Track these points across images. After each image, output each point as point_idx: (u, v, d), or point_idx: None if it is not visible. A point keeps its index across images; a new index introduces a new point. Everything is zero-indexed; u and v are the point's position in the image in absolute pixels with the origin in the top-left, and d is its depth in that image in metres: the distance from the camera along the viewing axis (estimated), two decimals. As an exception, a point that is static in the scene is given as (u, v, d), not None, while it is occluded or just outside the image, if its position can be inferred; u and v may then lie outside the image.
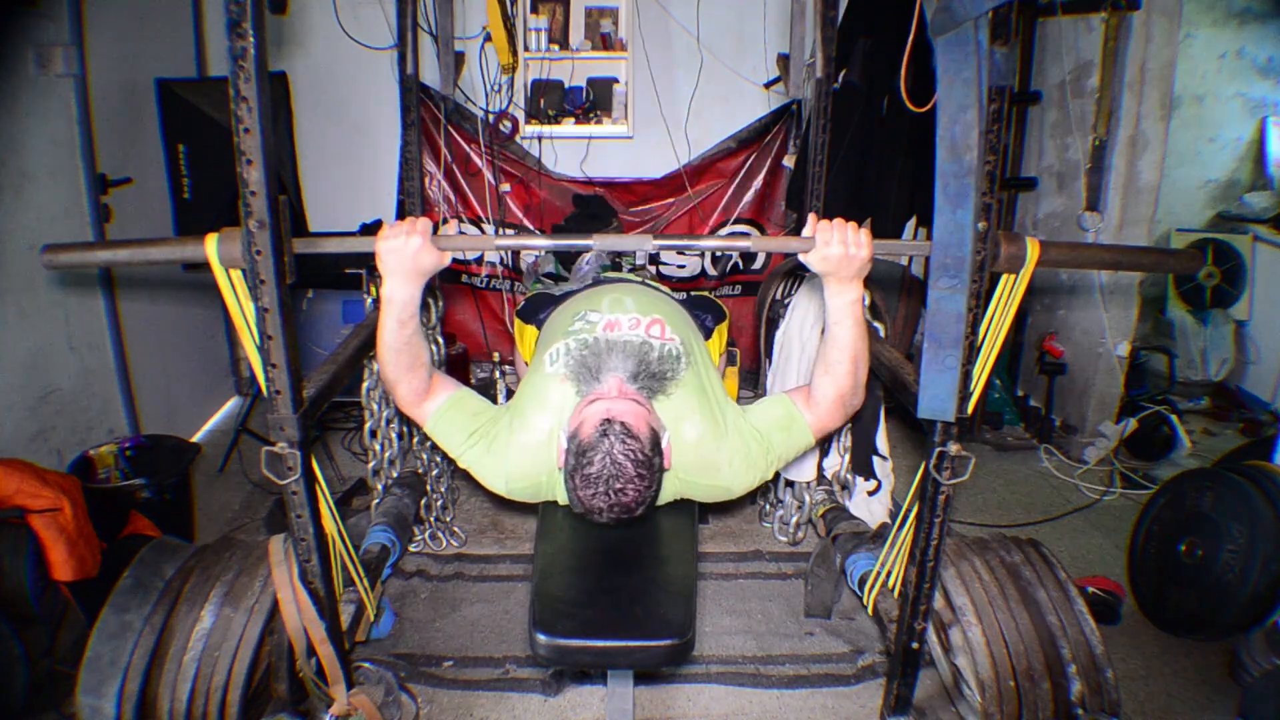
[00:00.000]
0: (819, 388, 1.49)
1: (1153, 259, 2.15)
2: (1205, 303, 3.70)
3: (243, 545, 1.67)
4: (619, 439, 1.31)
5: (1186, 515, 2.14)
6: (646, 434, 1.34)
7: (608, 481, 1.30)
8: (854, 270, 1.38)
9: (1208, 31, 3.63)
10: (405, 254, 1.37)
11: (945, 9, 1.15)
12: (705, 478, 1.51)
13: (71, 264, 1.47)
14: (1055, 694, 1.51)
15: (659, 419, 1.42)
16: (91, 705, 1.41)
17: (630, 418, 1.34)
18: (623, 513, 1.34)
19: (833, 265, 1.37)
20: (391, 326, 1.42)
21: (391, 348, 1.44)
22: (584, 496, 1.33)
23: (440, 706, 1.86)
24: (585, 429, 1.34)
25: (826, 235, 1.36)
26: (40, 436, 2.24)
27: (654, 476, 1.35)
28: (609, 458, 1.30)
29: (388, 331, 1.43)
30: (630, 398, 1.39)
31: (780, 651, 2.05)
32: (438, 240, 1.39)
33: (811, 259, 1.38)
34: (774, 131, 3.30)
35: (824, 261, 1.37)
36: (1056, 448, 3.21)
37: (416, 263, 1.38)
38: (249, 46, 1.19)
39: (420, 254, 1.37)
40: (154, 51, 2.87)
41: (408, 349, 1.45)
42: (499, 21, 3.00)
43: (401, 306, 1.41)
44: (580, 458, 1.32)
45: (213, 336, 3.47)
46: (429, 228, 1.39)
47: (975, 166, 1.19)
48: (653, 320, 1.62)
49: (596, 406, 1.37)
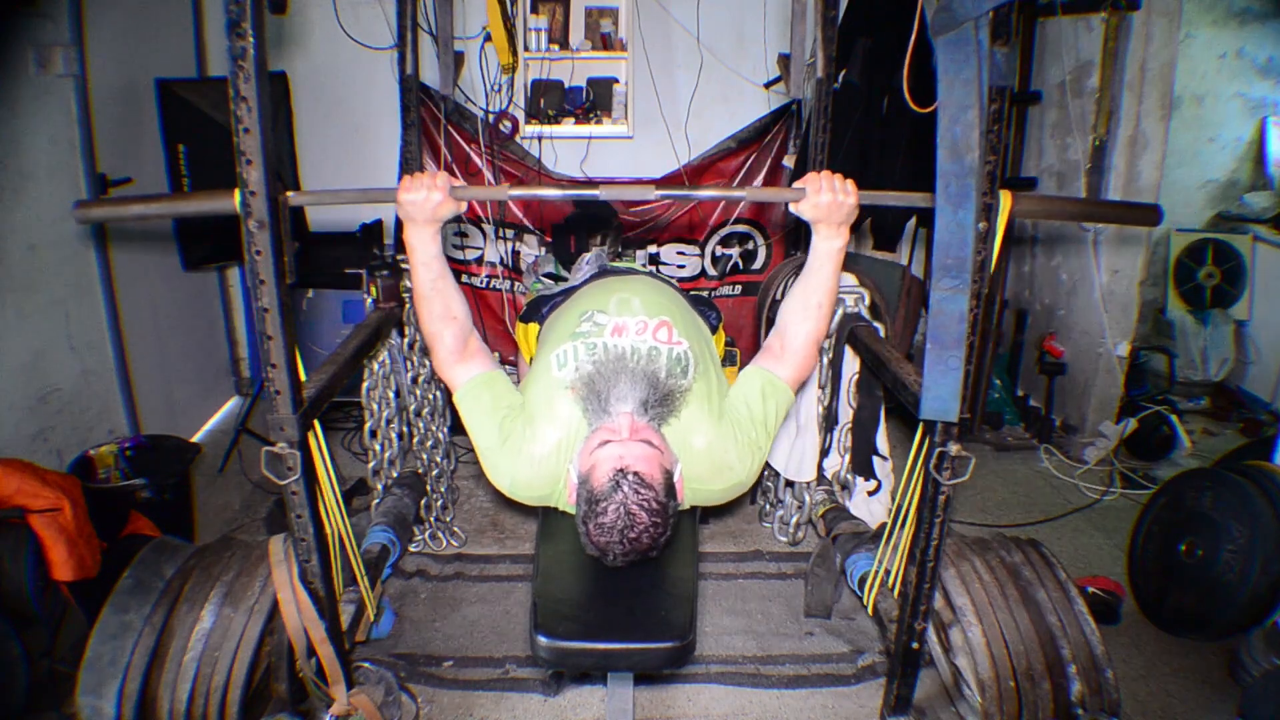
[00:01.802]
0: (796, 335, 1.56)
1: (1116, 211, 2.40)
2: (1205, 303, 3.70)
3: (243, 545, 1.67)
4: (633, 489, 1.30)
5: (1186, 515, 2.14)
6: (660, 481, 1.33)
7: (622, 531, 1.30)
8: (843, 216, 1.49)
9: (1208, 31, 3.63)
10: (427, 206, 1.47)
11: (945, 9, 1.15)
12: (720, 481, 1.50)
13: (103, 218, 1.52)
14: (1055, 694, 1.51)
15: (671, 454, 1.41)
16: (91, 705, 1.41)
17: (643, 465, 1.32)
18: (637, 557, 1.34)
19: (823, 212, 1.48)
20: (420, 271, 1.53)
21: (423, 294, 1.53)
22: (597, 540, 1.33)
23: (440, 706, 1.86)
24: (597, 477, 1.33)
25: (816, 184, 1.47)
26: (40, 436, 2.24)
27: (668, 520, 1.35)
28: (623, 508, 1.29)
29: (417, 278, 1.53)
30: (641, 438, 1.36)
31: (780, 651, 2.05)
32: (454, 191, 1.49)
33: (803, 207, 1.49)
34: (774, 131, 3.30)
35: (815, 209, 1.48)
36: (1056, 448, 3.21)
37: (436, 213, 1.49)
38: (249, 46, 1.19)
39: (440, 206, 1.48)
40: (154, 51, 2.87)
41: (437, 294, 1.53)
42: (499, 21, 3.00)
43: (424, 249, 1.51)
44: (593, 505, 1.32)
45: (213, 336, 3.47)
46: (448, 183, 1.48)
47: (976, 167, 1.19)
48: (660, 323, 1.60)
49: (609, 451, 1.34)
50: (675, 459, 1.41)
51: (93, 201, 1.42)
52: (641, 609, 1.42)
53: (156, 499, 2.26)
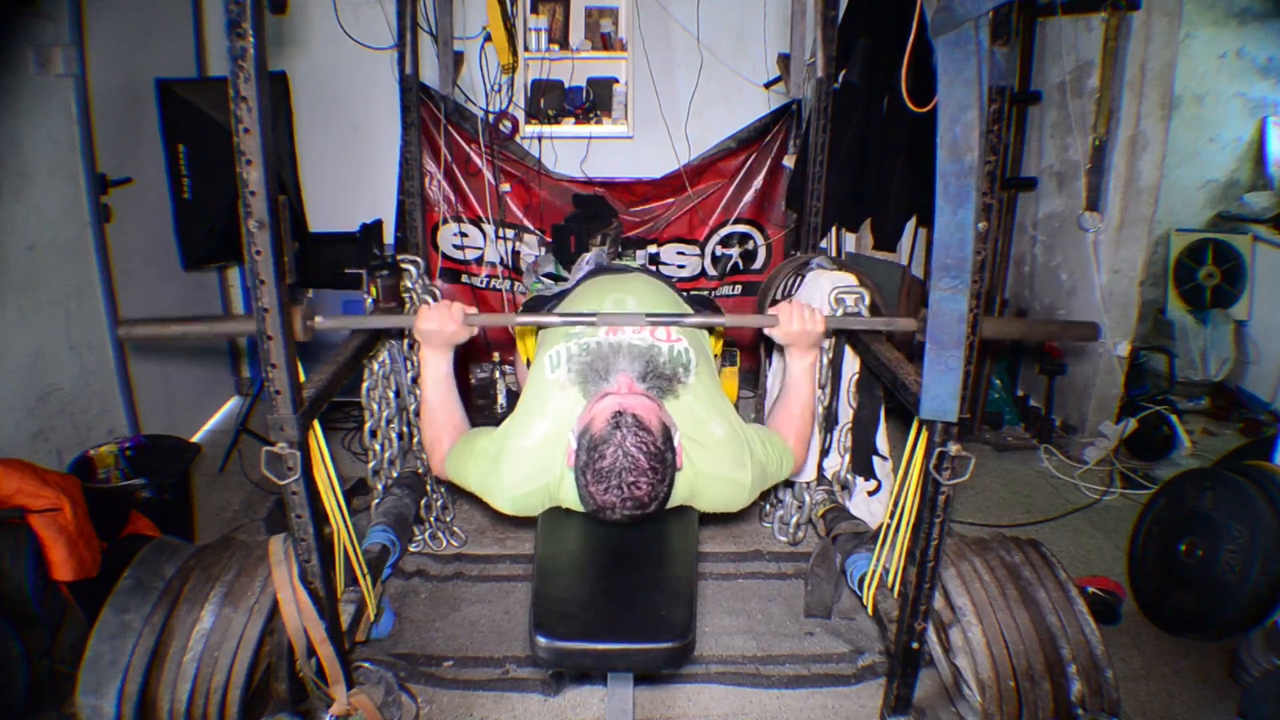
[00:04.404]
0: (787, 438, 1.67)
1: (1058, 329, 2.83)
2: (1205, 303, 3.69)
3: (243, 545, 1.67)
4: (631, 431, 1.31)
5: (1186, 515, 2.14)
6: (659, 427, 1.35)
7: (620, 475, 1.30)
8: (812, 340, 1.68)
9: (1208, 31, 3.63)
10: (443, 334, 1.62)
11: (945, 9, 1.15)
12: (735, 472, 1.52)
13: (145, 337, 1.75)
14: (1055, 694, 1.51)
15: (670, 417, 1.42)
16: (91, 705, 1.41)
17: (642, 411, 1.34)
18: (635, 507, 1.33)
19: (794, 338, 1.66)
20: (430, 387, 1.66)
21: (432, 408, 1.66)
22: (596, 492, 1.33)
23: (440, 706, 1.86)
24: (596, 423, 1.34)
25: (788, 314, 1.65)
26: (40, 436, 2.24)
27: (667, 471, 1.35)
28: (621, 449, 1.30)
29: (428, 393, 1.66)
30: (640, 393, 1.39)
31: (780, 651, 2.05)
32: (468, 319, 1.64)
33: (776, 333, 1.67)
34: (774, 131, 3.30)
35: (787, 335, 1.67)
36: (1056, 448, 3.21)
37: (452, 339, 1.64)
38: (249, 46, 1.19)
39: (455, 335, 1.63)
40: (154, 51, 2.87)
41: (445, 407, 1.65)
42: (499, 21, 3.00)
43: (437, 368, 1.66)
44: (592, 452, 1.32)
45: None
46: (462, 313, 1.63)
47: (976, 166, 1.19)
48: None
49: (607, 401, 1.37)
50: (675, 424, 1.42)
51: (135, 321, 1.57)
52: (641, 608, 1.42)
53: (156, 499, 2.25)
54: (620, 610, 1.43)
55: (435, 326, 1.60)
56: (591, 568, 1.55)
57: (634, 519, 1.36)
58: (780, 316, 1.65)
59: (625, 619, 1.41)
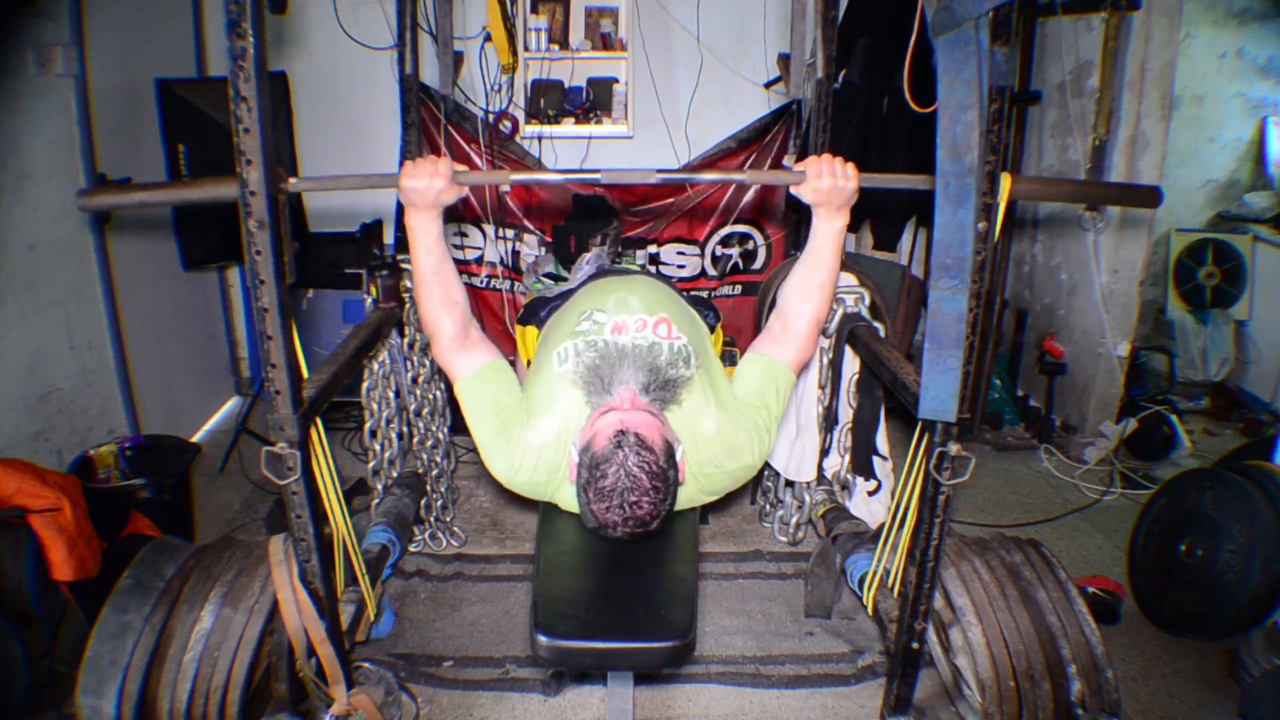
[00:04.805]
0: (798, 317, 1.58)
1: (1116, 192, 2.48)
2: (1205, 303, 3.69)
3: (243, 545, 1.67)
4: (633, 450, 1.29)
5: (1186, 515, 2.14)
6: (661, 446, 1.33)
7: (622, 494, 1.28)
8: (843, 199, 1.51)
9: (1208, 31, 3.63)
10: (430, 192, 1.46)
11: (945, 9, 1.15)
12: (733, 461, 1.50)
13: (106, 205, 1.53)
14: (1055, 694, 1.51)
15: (673, 431, 1.41)
16: (91, 705, 1.41)
17: (644, 429, 1.32)
18: (637, 526, 1.32)
19: (823, 195, 1.50)
20: (421, 255, 1.52)
21: (424, 280, 1.53)
22: (598, 510, 1.31)
23: (440, 706, 1.86)
24: (598, 441, 1.32)
25: (817, 168, 1.48)
26: (40, 436, 2.24)
27: (669, 489, 1.34)
28: (623, 469, 1.28)
29: (419, 263, 1.52)
30: (643, 409, 1.38)
31: (780, 651, 2.05)
32: (456, 176, 1.49)
33: (804, 190, 1.51)
34: (774, 131, 3.29)
35: (815, 193, 1.50)
36: (1056, 448, 3.21)
37: (439, 199, 1.48)
38: (249, 46, 1.19)
39: (443, 192, 1.48)
40: (154, 51, 2.87)
41: (438, 280, 1.53)
42: (499, 21, 3.00)
43: (425, 233, 1.51)
44: (594, 470, 1.31)
45: (213, 336, 3.47)
46: (450, 168, 1.47)
47: (976, 166, 1.19)
48: (659, 319, 1.61)
49: (609, 418, 1.35)
50: (678, 438, 1.41)
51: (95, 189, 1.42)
52: (642, 608, 1.42)
53: (156, 499, 2.26)
54: (621, 610, 1.43)
55: (423, 184, 1.45)
56: (592, 567, 1.55)
57: (635, 536, 1.35)
58: (809, 171, 1.49)
59: (626, 618, 1.41)
